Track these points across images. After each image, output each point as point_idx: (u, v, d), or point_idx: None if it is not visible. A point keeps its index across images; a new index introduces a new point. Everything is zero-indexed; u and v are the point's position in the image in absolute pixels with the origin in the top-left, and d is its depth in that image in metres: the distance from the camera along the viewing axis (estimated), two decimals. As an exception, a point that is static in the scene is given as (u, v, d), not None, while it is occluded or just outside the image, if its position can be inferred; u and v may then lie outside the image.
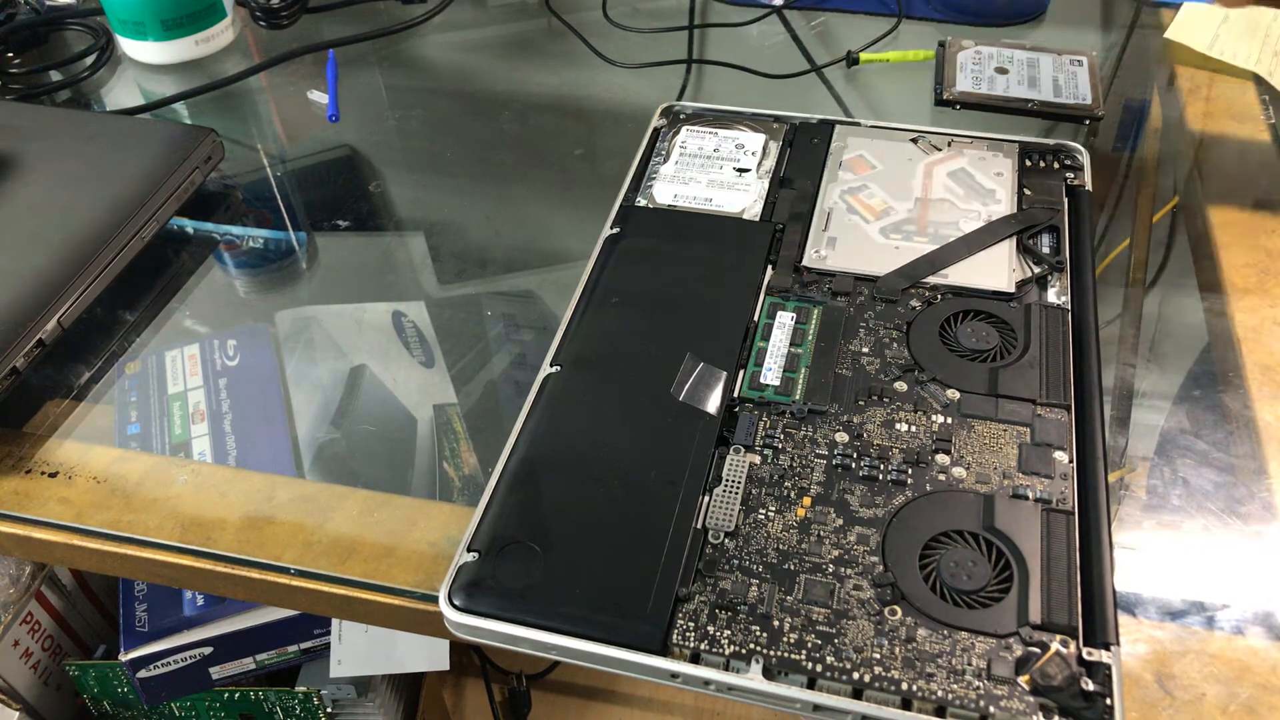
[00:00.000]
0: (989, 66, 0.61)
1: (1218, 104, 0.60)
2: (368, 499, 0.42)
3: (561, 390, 0.41)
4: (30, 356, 0.45)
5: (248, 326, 0.51)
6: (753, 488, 0.37)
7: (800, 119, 0.54)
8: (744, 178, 0.50)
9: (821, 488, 0.37)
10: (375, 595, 0.39)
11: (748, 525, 0.36)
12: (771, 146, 0.52)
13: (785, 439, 0.39)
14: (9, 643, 0.77)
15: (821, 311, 0.44)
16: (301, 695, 0.77)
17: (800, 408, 0.40)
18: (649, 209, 0.49)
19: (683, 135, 0.53)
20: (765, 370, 0.41)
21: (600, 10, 0.71)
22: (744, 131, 0.53)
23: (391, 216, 0.58)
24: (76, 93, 0.67)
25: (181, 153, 0.54)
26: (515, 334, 0.50)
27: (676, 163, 0.52)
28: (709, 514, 0.37)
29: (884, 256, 0.46)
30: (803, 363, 0.42)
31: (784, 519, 0.36)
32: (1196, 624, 0.37)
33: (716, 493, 0.37)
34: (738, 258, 0.46)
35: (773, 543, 0.36)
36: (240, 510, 0.42)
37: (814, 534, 0.36)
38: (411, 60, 0.69)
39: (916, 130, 0.53)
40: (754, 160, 0.51)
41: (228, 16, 0.68)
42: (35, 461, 0.44)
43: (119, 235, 0.50)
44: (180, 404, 0.47)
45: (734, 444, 0.39)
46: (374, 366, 0.49)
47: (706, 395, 0.40)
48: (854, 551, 0.35)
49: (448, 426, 0.46)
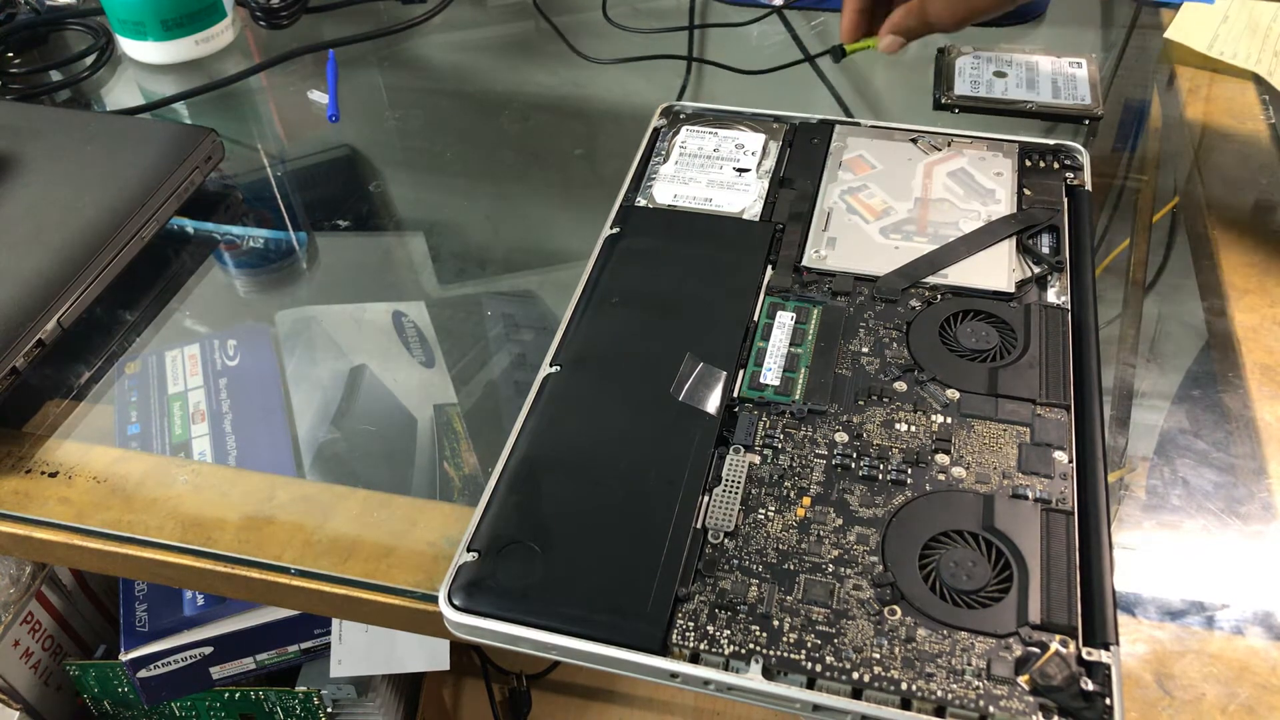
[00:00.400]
0: (987, 71, 0.61)
1: (1218, 104, 0.60)
2: (368, 499, 0.42)
3: (561, 390, 0.41)
4: (30, 356, 0.45)
5: (248, 326, 0.51)
6: (752, 488, 0.37)
7: (800, 119, 0.54)
8: (744, 178, 0.50)
9: (821, 488, 0.37)
10: (375, 595, 0.39)
11: (747, 525, 0.36)
12: (771, 146, 0.52)
13: (785, 439, 0.39)
14: (9, 643, 0.77)
15: (821, 311, 0.44)
16: (301, 695, 0.77)
17: (800, 408, 0.40)
18: (649, 209, 0.49)
19: (683, 135, 0.53)
20: (765, 370, 0.41)
21: (600, 10, 0.71)
22: (744, 131, 0.53)
23: (391, 216, 0.58)
24: (76, 93, 0.67)
25: (181, 153, 0.54)
26: (515, 334, 0.50)
27: (676, 163, 0.52)
28: (709, 514, 0.37)
29: (884, 256, 0.46)
30: (802, 363, 0.42)
31: (784, 519, 0.36)
32: (1196, 624, 0.37)
33: (716, 493, 0.37)
34: (737, 258, 0.46)
35: (772, 543, 0.36)
36: (240, 510, 0.42)
37: (814, 534, 0.36)
38: (411, 60, 0.69)
39: (916, 130, 0.53)
40: (754, 160, 0.51)
41: (228, 16, 0.68)
42: (35, 461, 0.44)
43: (119, 235, 0.50)
44: (180, 404, 0.47)
45: (734, 444, 0.39)
46: (374, 366, 0.49)
47: (706, 395, 0.40)
48: (854, 551, 0.35)
49: (448, 426, 0.46)
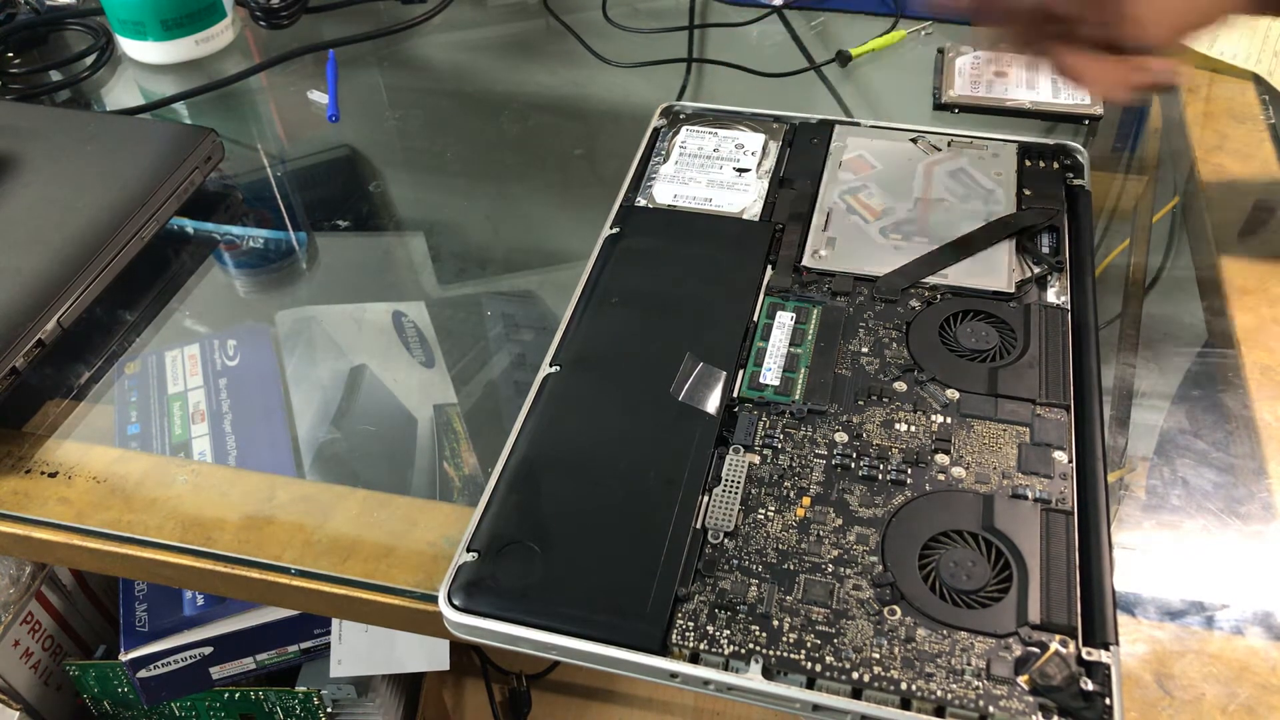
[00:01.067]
0: (987, 70, 0.61)
1: (1218, 104, 0.60)
2: (368, 499, 0.42)
3: (561, 390, 0.41)
4: (30, 356, 0.45)
5: (248, 326, 0.51)
6: (752, 487, 0.37)
7: (800, 119, 0.54)
8: (743, 177, 0.50)
9: (821, 488, 0.37)
10: (375, 595, 0.39)
11: (747, 525, 0.36)
12: (771, 147, 0.52)
13: (785, 439, 0.39)
14: (9, 643, 0.77)
15: (821, 312, 0.44)
16: (301, 695, 0.77)
17: (800, 408, 0.40)
18: (649, 209, 0.49)
19: (682, 135, 0.53)
20: (765, 370, 0.41)
21: (600, 10, 0.71)
22: (743, 131, 0.53)
23: (391, 216, 0.58)
24: (76, 93, 0.67)
25: (181, 153, 0.54)
26: (515, 334, 0.50)
27: (676, 163, 0.52)
28: (708, 514, 0.37)
29: (884, 256, 0.46)
30: (802, 363, 0.42)
31: (783, 519, 0.36)
32: (1196, 624, 0.37)
33: (716, 492, 0.37)
34: (737, 258, 0.46)
35: (772, 543, 0.36)
36: (240, 510, 0.42)
37: (813, 534, 0.36)
38: (411, 60, 0.69)
39: (916, 130, 0.53)
40: (754, 160, 0.51)
41: (228, 16, 0.68)
42: (35, 461, 0.44)
43: (119, 235, 0.50)
44: (180, 404, 0.47)
45: (733, 444, 0.39)
46: (374, 366, 0.49)
47: (706, 395, 0.40)
48: (853, 551, 0.35)
49: (448, 426, 0.46)
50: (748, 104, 0.55)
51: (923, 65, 0.63)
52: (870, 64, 0.65)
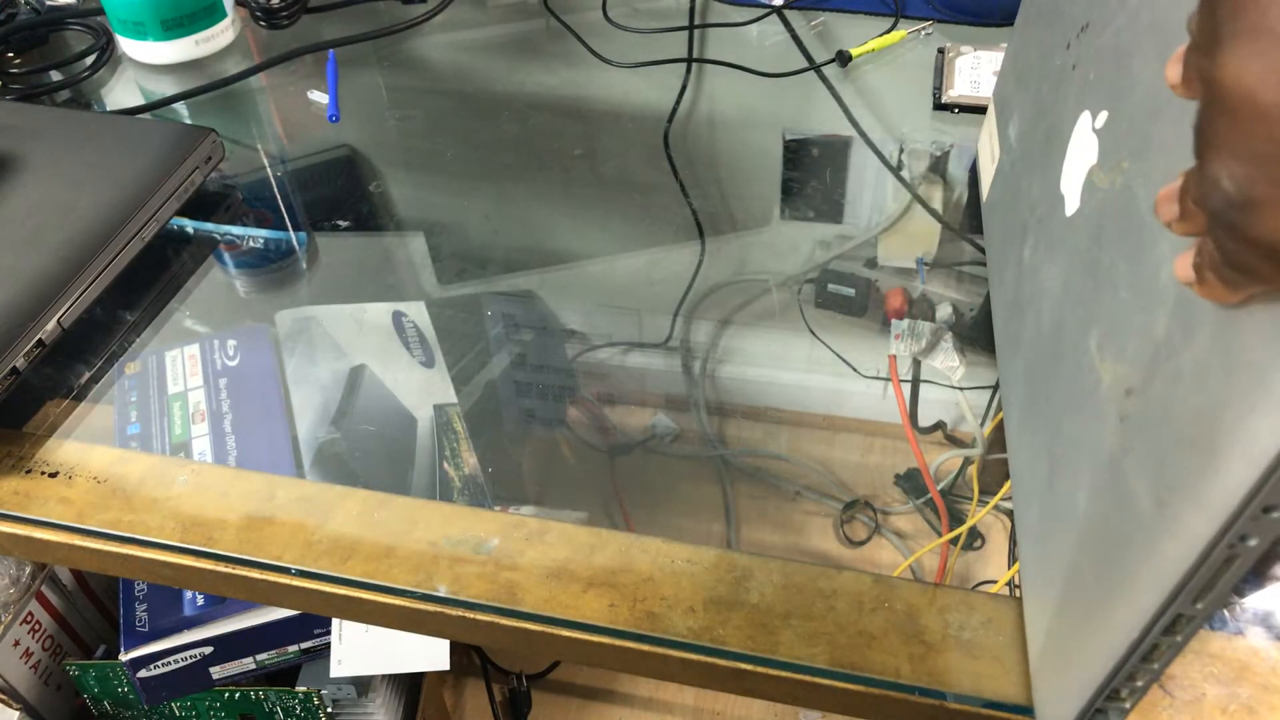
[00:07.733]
0: (987, 70, 0.61)
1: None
2: (368, 499, 0.42)
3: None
4: (30, 356, 0.45)
5: (248, 326, 0.51)
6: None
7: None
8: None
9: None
10: (375, 595, 0.39)
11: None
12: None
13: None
14: (9, 643, 0.77)
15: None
16: (301, 695, 0.77)
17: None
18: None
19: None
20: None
21: (600, 10, 0.71)
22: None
23: (391, 216, 0.58)
24: (76, 93, 0.67)
25: (181, 153, 0.54)
26: (515, 334, 0.50)
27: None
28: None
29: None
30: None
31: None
32: (1196, 624, 0.36)
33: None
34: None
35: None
36: (240, 510, 0.42)
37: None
38: (411, 60, 0.69)
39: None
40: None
41: (228, 16, 0.68)
42: (35, 461, 0.44)
43: (119, 235, 0.50)
44: (180, 404, 0.47)
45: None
46: (374, 366, 0.49)
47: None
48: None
49: (448, 426, 0.46)
50: (749, 103, 0.55)
51: (923, 65, 0.63)
52: (870, 64, 0.65)
